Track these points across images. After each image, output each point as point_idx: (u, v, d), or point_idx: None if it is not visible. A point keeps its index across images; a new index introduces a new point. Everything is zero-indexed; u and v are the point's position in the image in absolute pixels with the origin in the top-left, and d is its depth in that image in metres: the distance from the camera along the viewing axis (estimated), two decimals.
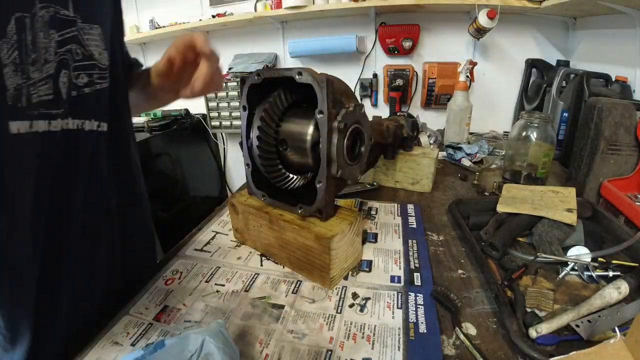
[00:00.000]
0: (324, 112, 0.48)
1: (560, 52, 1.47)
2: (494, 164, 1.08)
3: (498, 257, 0.60)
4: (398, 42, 1.56)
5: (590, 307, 0.46)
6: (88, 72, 0.45)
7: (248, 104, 0.57)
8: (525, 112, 0.92)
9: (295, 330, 0.47)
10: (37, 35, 0.37)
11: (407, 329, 0.46)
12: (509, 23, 1.43)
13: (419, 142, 1.11)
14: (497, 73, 1.56)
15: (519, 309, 0.47)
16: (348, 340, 0.45)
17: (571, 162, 0.90)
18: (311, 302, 0.52)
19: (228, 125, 1.97)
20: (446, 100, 1.41)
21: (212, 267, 0.61)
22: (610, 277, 0.53)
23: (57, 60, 0.40)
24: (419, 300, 0.51)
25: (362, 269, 0.59)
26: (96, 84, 0.47)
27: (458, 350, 0.43)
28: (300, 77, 0.49)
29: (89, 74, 0.45)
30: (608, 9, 1.04)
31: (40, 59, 0.37)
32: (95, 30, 0.46)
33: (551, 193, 0.74)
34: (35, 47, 0.37)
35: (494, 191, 0.88)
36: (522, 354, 0.41)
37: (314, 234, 0.52)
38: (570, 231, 0.62)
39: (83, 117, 0.45)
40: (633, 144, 0.77)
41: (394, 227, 0.72)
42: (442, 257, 0.62)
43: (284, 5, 1.55)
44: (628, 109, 0.77)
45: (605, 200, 0.78)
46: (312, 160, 0.55)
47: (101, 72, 0.48)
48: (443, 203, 0.83)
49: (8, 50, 0.34)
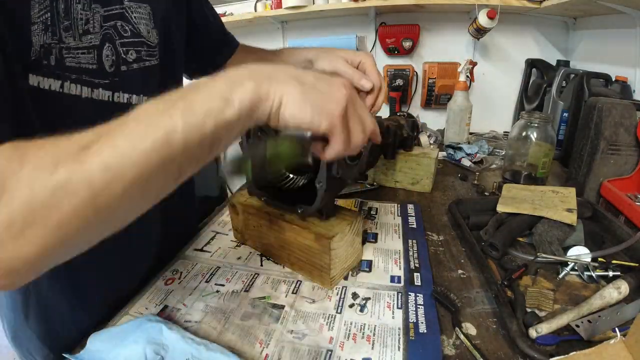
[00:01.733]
0: None
1: (560, 52, 1.47)
2: (494, 164, 1.08)
3: (498, 257, 0.60)
4: (398, 42, 1.56)
5: (590, 307, 0.46)
6: (137, 49, 0.46)
7: None
8: (525, 112, 0.92)
9: (295, 330, 0.47)
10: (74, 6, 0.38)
11: (407, 329, 0.46)
12: (509, 23, 1.43)
13: (419, 142, 1.10)
14: (497, 73, 1.56)
15: (519, 309, 0.47)
16: (348, 340, 0.45)
17: (571, 162, 0.89)
18: (311, 302, 0.52)
19: None
20: (446, 100, 1.40)
21: (212, 267, 0.61)
22: (610, 277, 0.53)
23: (102, 33, 0.41)
24: (419, 300, 0.51)
25: (362, 269, 0.59)
26: (144, 60, 0.48)
27: (458, 350, 0.43)
28: None
29: (137, 50, 0.47)
30: (608, 9, 1.04)
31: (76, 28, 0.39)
32: (143, 9, 0.47)
33: (551, 193, 0.74)
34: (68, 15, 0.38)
35: (494, 191, 0.88)
36: (522, 354, 0.41)
37: (314, 234, 0.52)
38: (571, 231, 0.62)
39: (130, 91, 0.46)
40: (633, 144, 0.77)
41: (394, 227, 0.72)
42: (442, 257, 0.62)
43: (284, 5, 1.54)
44: (628, 109, 0.77)
45: (605, 200, 0.78)
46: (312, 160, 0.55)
47: (149, 50, 0.49)
48: (443, 203, 0.83)
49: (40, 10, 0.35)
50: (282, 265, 0.61)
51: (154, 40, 0.49)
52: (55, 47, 0.37)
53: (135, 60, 0.46)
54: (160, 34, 0.51)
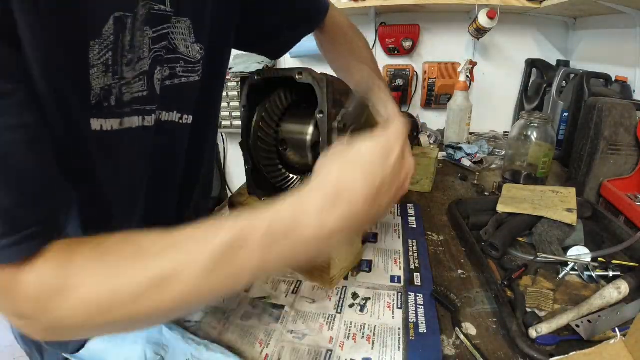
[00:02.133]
0: (324, 112, 0.48)
1: (560, 52, 1.47)
2: (494, 164, 1.08)
3: (498, 257, 0.60)
4: (398, 42, 1.56)
5: (590, 307, 0.46)
6: (171, 65, 0.43)
7: (248, 104, 0.57)
8: (525, 112, 0.92)
9: (295, 330, 0.47)
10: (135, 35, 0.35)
11: (407, 329, 0.46)
12: (509, 23, 1.43)
13: (419, 142, 1.10)
14: (497, 73, 1.56)
15: (519, 309, 0.47)
16: (348, 340, 0.45)
17: (571, 162, 0.89)
18: (311, 302, 0.52)
19: (228, 125, 1.96)
20: (446, 100, 1.40)
21: None
22: (610, 277, 0.53)
23: (151, 57, 0.38)
24: (419, 300, 0.51)
25: (362, 269, 0.59)
26: (180, 76, 0.45)
27: (458, 350, 0.43)
28: (300, 77, 0.49)
29: (172, 67, 0.43)
30: (608, 9, 1.04)
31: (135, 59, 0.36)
32: (183, 24, 0.42)
33: (551, 193, 0.74)
34: (133, 47, 0.35)
35: (494, 191, 0.88)
36: (522, 354, 0.41)
37: None
38: (571, 231, 0.62)
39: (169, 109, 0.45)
40: (633, 144, 0.77)
41: (394, 227, 0.72)
42: (442, 257, 0.62)
43: None
44: (628, 109, 0.77)
45: (605, 200, 0.78)
46: (312, 160, 0.55)
47: (187, 66, 0.45)
48: (443, 203, 0.83)
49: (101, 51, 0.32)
50: None
51: (195, 55, 0.45)
52: (116, 86, 0.35)
53: (168, 77, 0.43)
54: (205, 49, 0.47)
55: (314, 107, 0.49)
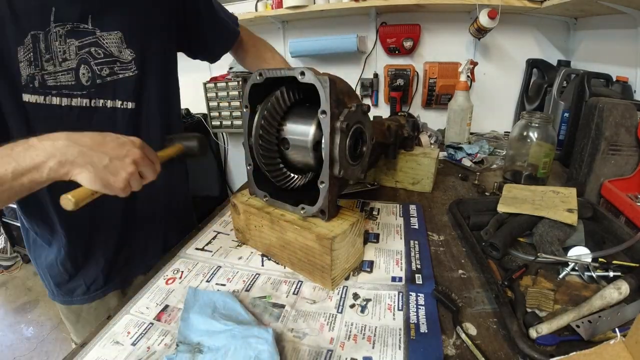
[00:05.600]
0: (327, 112, 0.48)
1: (561, 52, 1.47)
2: (495, 164, 1.08)
3: (498, 257, 0.60)
4: (399, 41, 1.56)
5: (590, 307, 0.46)
6: (110, 66, 0.60)
7: (250, 103, 0.57)
8: (526, 112, 0.92)
9: (295, 329, 0.47)
10: (52, 43, 0.54)
11: (408, 328, 0.46)
12: (510, 23, 1.43)
13: (419, 142, 1.10)
14: (498, 73, 1.56)
15: (519, 309, 0.47)
16: (349, 340, 0.45)
17: (572, 162, 0.89)
18: (312, 303, 0.52)
19: (229, 125, 1.96)
20: (447, 100, 1.41)
21: (213, 267, 0.61)
22: (611, 277, 0.53)
23: (77, 59, 0.57)
24: (420, 301, 0.51)
25: (364, 270, 0.59)
26: (118, 73, 0.62)
27: (459, 350, 0.43)
28: (303, 77, 0.49)
29: (111, 67, 0.61)
30: (609, 9, 1.04)
31: (56, 58, 0.55)
32: (114, 35, 0.60)
33: (552, 193, 0.74)
34: (49, 50, 0.54)
35: (495, 191, 0.88)
36: (523, 354, 0.41)
37: (315, 234, 0.52)
38: (571, 231, 0.62)
39: (106, 97, 0.61)
40: (634, 144, 0.77)
41: (395, 228, 0.72)
42: (442, 257, 0.62)
43: (285, 5, 1.54)
44: (629, 109, 0.77)
45: (605, 200, 0.78)
46: (313, 160, 0.55)
47: (122, 65, 0.62)
48: (444, 203, 0.83)
49: (25, 53, 0.52)
50: (283, 265, 0.61)
51: (128, 57, 0.62)
52: (38, 74, 0.54)
53: (109, 74, 0.60)
54: (139, 51, 0.63)
55: (316, 107, 0.49)
